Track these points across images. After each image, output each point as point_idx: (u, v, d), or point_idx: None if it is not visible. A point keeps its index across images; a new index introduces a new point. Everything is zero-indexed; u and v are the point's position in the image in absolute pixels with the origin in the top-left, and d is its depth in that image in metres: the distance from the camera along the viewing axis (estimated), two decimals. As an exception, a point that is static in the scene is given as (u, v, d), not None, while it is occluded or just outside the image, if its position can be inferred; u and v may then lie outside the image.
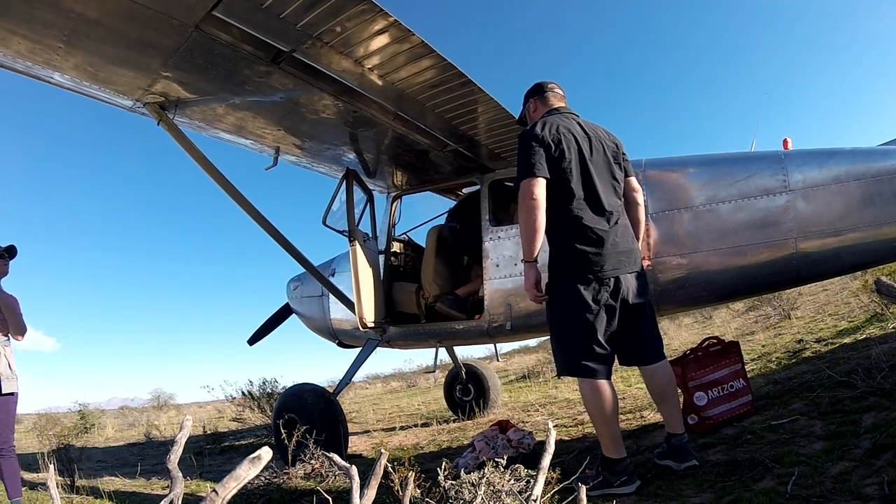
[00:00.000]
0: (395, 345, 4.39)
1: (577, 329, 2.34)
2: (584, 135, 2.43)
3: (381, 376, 18.22)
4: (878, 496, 1.74)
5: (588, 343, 2.31)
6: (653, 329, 2.53)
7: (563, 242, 2.38)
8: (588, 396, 2.33)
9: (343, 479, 3.19)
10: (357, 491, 1.60)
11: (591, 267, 2.31)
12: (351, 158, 3.90)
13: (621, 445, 2.34)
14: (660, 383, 2.47)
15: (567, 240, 2.36)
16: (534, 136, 2.35)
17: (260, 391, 7.12)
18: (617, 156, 2.53)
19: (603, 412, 2.30)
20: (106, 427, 10.52)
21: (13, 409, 3.26)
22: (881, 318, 4.88)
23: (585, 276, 2.31)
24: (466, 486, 1.79)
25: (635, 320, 2.42)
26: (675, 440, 2.43)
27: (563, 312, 2.40)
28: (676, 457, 2.42)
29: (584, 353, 2.32)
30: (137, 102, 2.87)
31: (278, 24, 2.28)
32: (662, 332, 8.95)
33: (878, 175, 2.75)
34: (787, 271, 2.95)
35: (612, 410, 2.31)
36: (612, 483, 2.30)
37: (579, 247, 2.32)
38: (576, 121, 2.51)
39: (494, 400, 5.80)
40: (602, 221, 2.35)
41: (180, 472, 1.61)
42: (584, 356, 2.31)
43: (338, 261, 4.65)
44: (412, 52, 2.55)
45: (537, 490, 1.62)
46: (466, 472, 1.88)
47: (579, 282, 2.32)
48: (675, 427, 2.44)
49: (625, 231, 2.43)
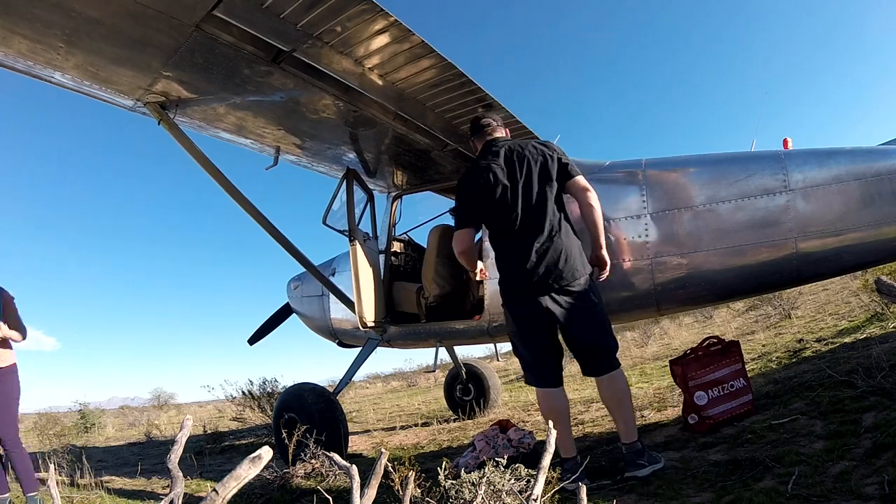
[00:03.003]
0: (395, 344, 4.39)
1: (516, 345, 2.70)
2: (507, 163, 2.54)
3: (382, 376, 18.24)
4: (879, 495, 1.74)
5: (527, 356, 2.63)
6: (591, 342, 2.54)
7: (499, 271, 2.67)
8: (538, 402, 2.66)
9: (343, 479, 3.19)
10: (357, 490, 1.60)
11: (513, 290, 2.58)
12: (351, 158, 3.90)
13: (571, 447, 2.56)
14: (604, 396, 2.59)
15: (500, 269, 2.65)
16: (460, 185, 2.65)
17: (260, 391, 7.13)
18: (545, 167, 2.52)
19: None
20: (106, 426, 10.53)
21: (15, 405, 3.27)
22: (881, 317, 4.88)
23: (510, 300, 2.61)
24: (467, 486, 1.79)
25: (571, 335, 2.56)
26: (625, 448, 2.51)
27: (508, 332, 2.76)
28: (627, 466, 2.47)
29: (525, 366, 2.68)
30: (138, 102, 2.87)
31: (279, 23, 2.28)
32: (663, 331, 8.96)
33: (879, 175, 2.75)
34: (788, 271, 2.95)
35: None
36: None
37: (504, 274, 2.62)
38: (503, 150, 2.58)
39: (495, 399, 5.80)
40: (519, 248, 2.52)
41: (180, 472, 1.61)
42: (525, 368, 2.68)
43: (338, 260, 4.65)
44: (412, 51, 2.56)
45: (537, 490, 1.62)
46: (467, 471, 1.88)
47: (506, 305, 2.64)
48: (624, 436, 2.52)
49: (552, 250, 2.49)
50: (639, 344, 9.98)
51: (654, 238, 3.14)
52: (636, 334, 10.82)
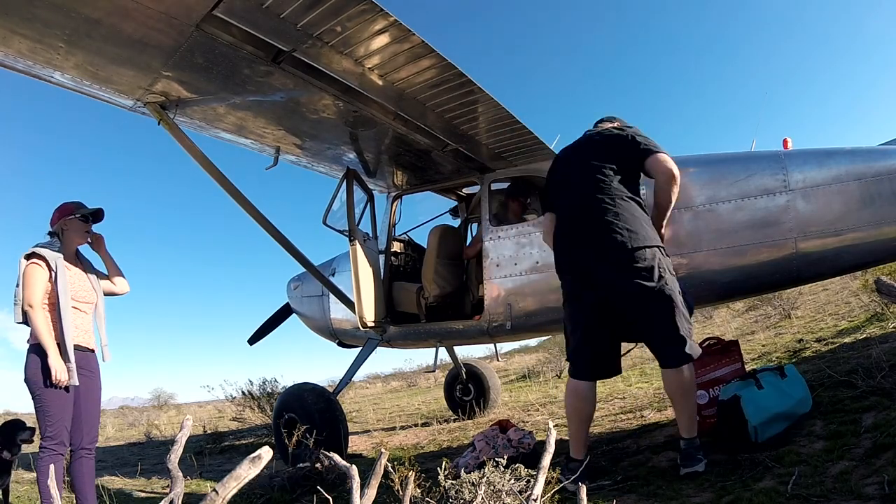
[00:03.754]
0: (395, 344, 4.39)
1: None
2: (571, 156, 2.68)
3: (382, 376, 18.23)
4: (879, 496, 1.74)
5: (572, 341, 2.58)
6: (663, 331, 2.38)
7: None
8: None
9: (343, 479, 3.19)
10: (357, 490, 1.60)
11: (562, 263, 2.60)
12: (351, 158, 3.90)
13: (581, 447, 2.52)
14: (667, 388, 2.49)
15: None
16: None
17: (260, 391, 7.13)
18: (598, 156, 2.53)
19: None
20: (106, 427, 10.53)
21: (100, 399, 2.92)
22: (881, 317, 4.88)
23: (562, 273, 2.61)
24: (466, 486, 1.79)
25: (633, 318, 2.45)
26: (682, 443, 2.42)
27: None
28: (682, 460, 2.41)
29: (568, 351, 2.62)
30: (138, 102, 2.87)
31: (279, 23, 2.28)
32: (662, 331, 8.64)
33: (879, 175, 2.76)
34: (787, 271, 2.95)
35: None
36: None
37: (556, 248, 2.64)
38: (573, 149, 2.71)
39: (494, 399, 5.80)
40: (566, 223, 2.59)
41: (180, 472, 1.62)
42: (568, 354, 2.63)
43: (338, 260, 4.65)
44: (412, 51, 2.55)
45: (537, 490, 1.62)
46: (467, 471, 1.88)
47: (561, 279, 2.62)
48: (681, 431, 2.42)
49: (591, 220, 2.44)
50: (639, 344, 9.96)
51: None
52: (636, 334, 10.79)
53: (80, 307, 2.75)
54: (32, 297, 2.56)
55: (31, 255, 2.63)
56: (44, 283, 2.61)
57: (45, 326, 2.56)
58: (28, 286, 2.58)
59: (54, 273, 2.62)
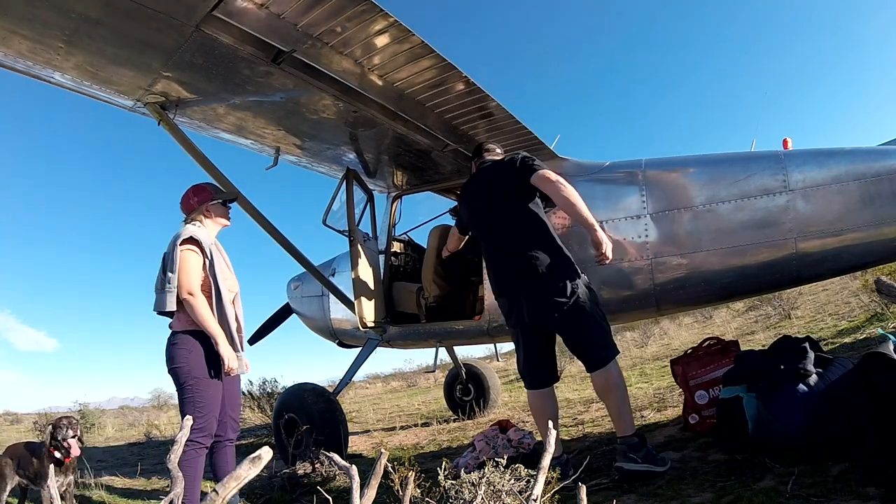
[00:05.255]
0: (395, 344, 4.39)
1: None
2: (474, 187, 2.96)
3: (382, 376, 18.24)
4: (879, 496, 1.74)
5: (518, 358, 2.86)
6: (581, 341, 2.61)
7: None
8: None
9: (343, 479, 3.19)
10: (357, 490, 1.60)
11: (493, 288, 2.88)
12: (351, 158, 3.90)
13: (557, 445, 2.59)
14: (596, 391, 2.66)
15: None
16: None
17: (260, 391, 7.13)
18: (497, 186, 2.80)
19: None
20: (106, 427, 10.54)
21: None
22: (881, 317, 4.88)
23: (497, 297, 2.86)
24: (466, 486, 1.79)
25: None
26: (617, 443, 2.53)
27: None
28: (617, 459, 2.48)
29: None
30: (138, 102, 2.87)
31: (279, 24, 2.28)
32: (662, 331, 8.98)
33: (878, 175, 2.75)
34: (787, 271, 2.95)
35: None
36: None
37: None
38: (475, 176, 3.00)
39: (494, 400, 5.80)
40: (486, 253, 2.93)
41: (180, 472, 1.61)
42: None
43: (338, 261, 4.65)
44: (412, 52, 2.55)
45: (537, 490, 1.61)
46: (466, 471, 1.88)
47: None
48: (616, 430, 2.56)
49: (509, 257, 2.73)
50: (639, 344, 9.98)
51: (653, 238, 3.15)
52: (636, 334, 10.83)
53: (228, 295, 2.59)
54: (192, 284, 2.42)
55: (187, 241, 2.47)
56: (199, 270, 2.48)
57: (209, 313, 2.43)
58: (187, 272, 2.43)
59: (209, 260, 2.51)
